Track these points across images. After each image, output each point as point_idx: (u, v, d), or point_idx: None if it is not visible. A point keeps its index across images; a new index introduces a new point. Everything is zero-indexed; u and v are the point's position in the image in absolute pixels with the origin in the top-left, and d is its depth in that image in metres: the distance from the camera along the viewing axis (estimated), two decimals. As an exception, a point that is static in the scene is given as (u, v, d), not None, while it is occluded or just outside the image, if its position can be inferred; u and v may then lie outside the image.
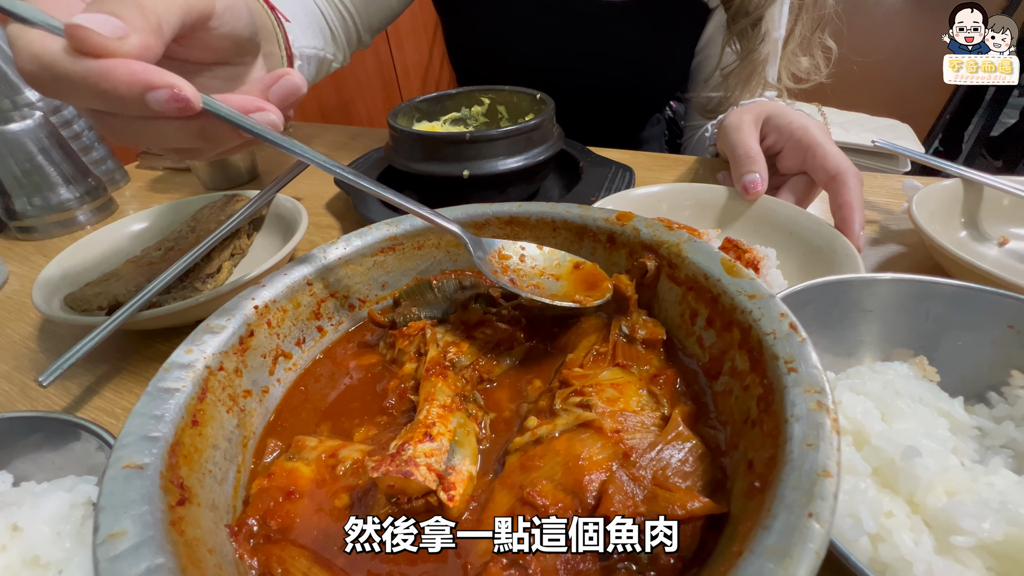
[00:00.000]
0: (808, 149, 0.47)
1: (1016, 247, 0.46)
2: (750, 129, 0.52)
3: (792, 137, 0.49)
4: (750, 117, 0.53)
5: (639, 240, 0.32)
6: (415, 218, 0.36)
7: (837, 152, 0.46)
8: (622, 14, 0.75)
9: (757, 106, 0.55)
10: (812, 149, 0.47)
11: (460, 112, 0.67)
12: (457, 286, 0.36)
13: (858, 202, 0.43)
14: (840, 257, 0.40)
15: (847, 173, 0.44)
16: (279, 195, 0.57)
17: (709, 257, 0.28)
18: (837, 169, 0.45)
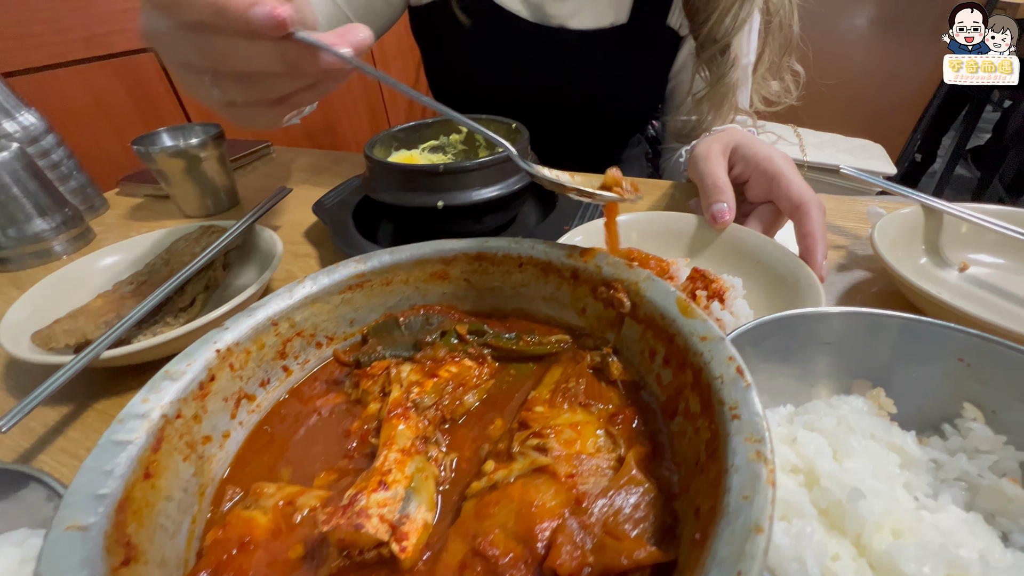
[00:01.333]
0: (773, 179, 0.48)
1: (976, 273, 0.47)
2: (718, 159, 0.53)
3: (758, 167, 0.50)
4: (718, 147, 0.55)
5: (600, 277, 0.33)
6: (384, 255, 0.37)
7: (801, 182, 0.47)
8: (597, 42, 0.77)
9: (725, 135, 0.57)
10: (777, 179, 0.48)
11: (438, 140, 0.68)
12: (424, 322, 0.36)
13: (820, 232, 0.44)
14: (803, 287, 0.41)
15: (810, 203, 0.45)
16: (256, 225, 0.57)
17: (666, 296, 0.29)
18: (800, 199, 0.46)
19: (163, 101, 0.99)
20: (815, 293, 0.39)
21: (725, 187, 0.50)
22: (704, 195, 0.51)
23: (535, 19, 0.77)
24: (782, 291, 0.43)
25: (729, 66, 0.71)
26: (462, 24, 0.78)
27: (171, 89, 1.00)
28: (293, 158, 0.95)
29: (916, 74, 1.22)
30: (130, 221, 0.74)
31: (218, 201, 0.74)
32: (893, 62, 1.19)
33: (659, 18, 0.75)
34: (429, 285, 0.38)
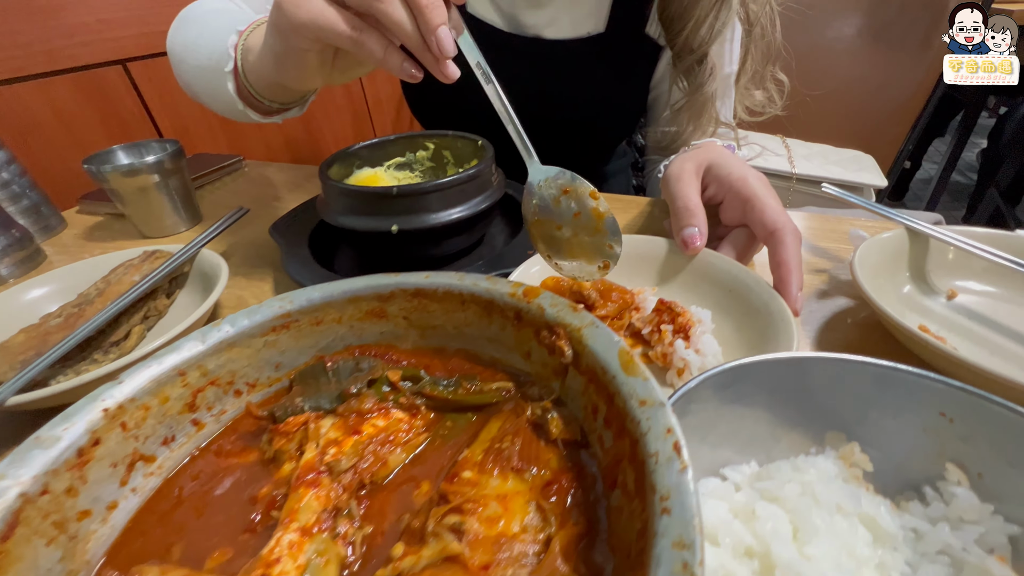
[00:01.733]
0: (747, 201, 0.45)
1: (964, 301, 0.44)
2: (691, 179, 0.50)
3: (731, 188, 0.47)
4: (691, 166, 0.52)
5: (544, 320, 0.30)
6: (313, 292, 0.34)
7: (775, 207, 0.44)
8: (574, 52, 0.74)
9: (700, 153, 0.53)
10: (750, 202, 0.45)
11: (404, 157, 0.65)
12: (354, 367, 0.33)
13: (795, 261, 0.41)
14: (776, 321, 0.38)
15: (784, 230, 0.42)
16: (204, 249, 0.54)
17: (608, 347, 0.26)
18: (775, 225, 0.43)
19: (131, 116, 0.96)
20: (788, 330, 0.36)
21: (696, 210, 0.47)
22: (674, 218, 0.48)
23: (510, 29, 0.75)
24: (755, 324, 0.40)
25: (707, 76, 0.68)
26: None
27: (140, 103, 0.97)
28: (265, 173, 0.92)
29: (907, 83, 1.20)
30: (86, 242, 0.71)
31: (178, 220, 0.71)
32: (883, 71, 1.16)
33: (637, 27, 0.73)
34: (365, 324, 0.35)
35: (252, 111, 0.55)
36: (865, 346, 0.42)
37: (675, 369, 0.38)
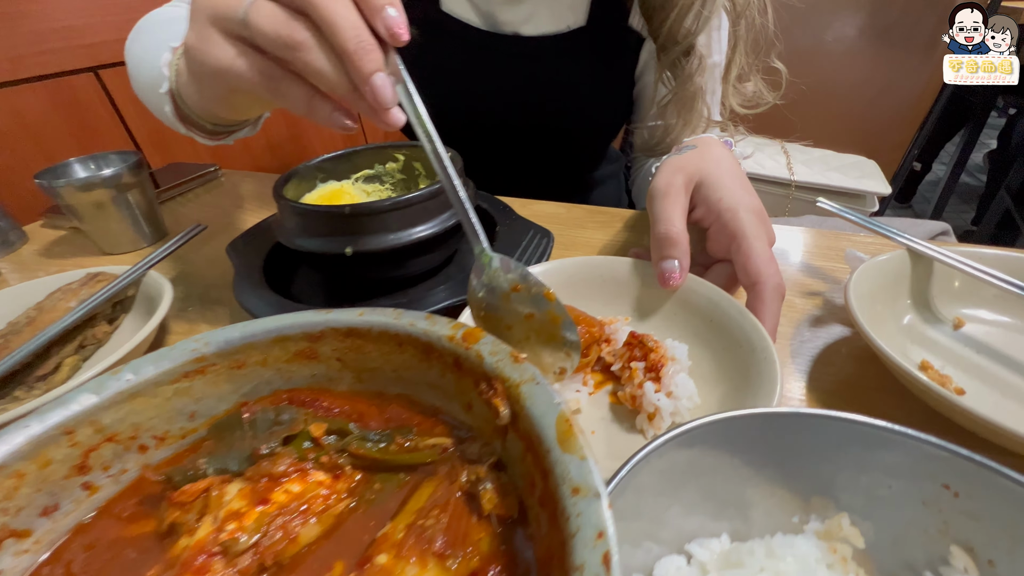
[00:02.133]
0: (733, 239, 0.40)
1: (973, 332, 0.40)
2: (677, 196, 0.45)
3: (719, 219, 0.42)
4: (681, 179, 0.46)
5: (482, 370, 0.26)
6: (233, 331, 0.30)
7: (762, 251, 0.39)
8: (555, 48, 0.71)
9: (692, 163, 0.48)
10: (737, 242, 0.40)
11: (374, 169, 0.62)
12: (273, 420, 0.29)
13: (770, 322, 0.36)
14: (759, 360, 0.34)
15: (765, 285, 0.37)
16: (151, 271, 0.50)
17: (546, 411, 0.22)
18: (757, 277, 0.38)
19: (104, 126, 0.93)
20: (771, 371, 0.32)
21: (678, 239, 0.42)
22: (654, 246, 0.43)
23: (487, 27, 0.71)
24: (735, 361, 0.36)
25: (695, 68, 0.64)
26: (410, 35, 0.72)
27: (114, 112, 0.95)
28: (241, 183, 0.89)
29: (911, 86, 1.15)
30: (44, 259, 0.68)
31: (140, 236, 0.68)
32: (887, 73, 1.12)
33: (620, 19, 0.69)
34: (294, 366, 0.31)
35: (197, 133, 0.52)
36: (862, 383, 0.37)
37: (645, 413, 0.34)
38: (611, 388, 0.38)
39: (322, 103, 0.35)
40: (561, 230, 0.62)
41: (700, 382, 0.36)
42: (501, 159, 0.85)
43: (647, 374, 0.35)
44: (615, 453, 0.34)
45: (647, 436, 0.34)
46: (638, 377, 0.35)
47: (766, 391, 0.31)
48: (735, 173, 0.46)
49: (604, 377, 0.39)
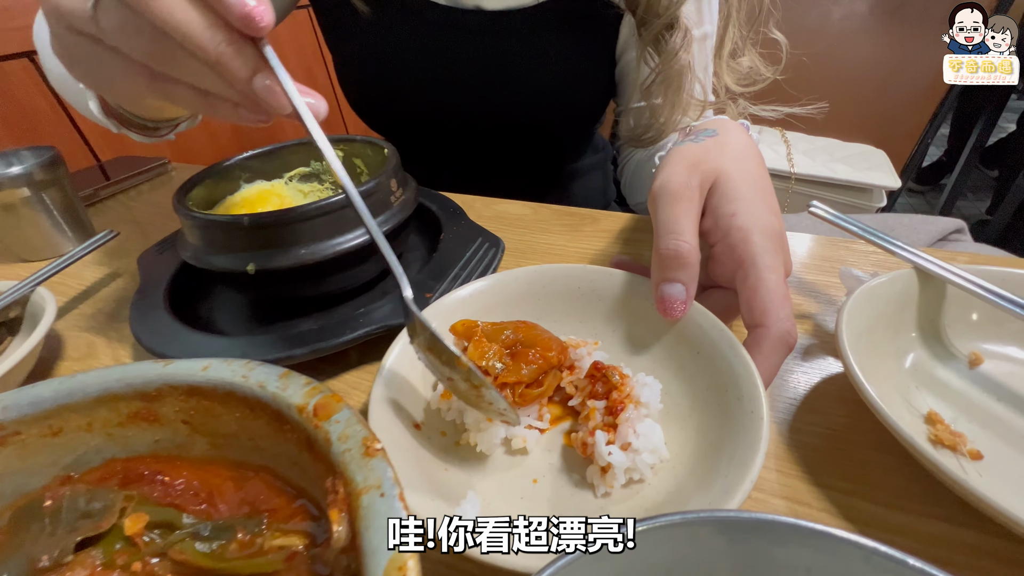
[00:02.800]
0: (741, 267, 0.32)
1: (992, 370, 0.33)
2: (692, 203, 0.35)
3: (728, 238, 0.34)
4: (697, 180, 0.36)
5: (330, 459, 0.19)
6: (41, 391, 0.24)
7: (774, 288, 0.31)
8: (519, 23, 0.64)
9: (711, 158, 0.38)
10: (745, 270, 0.32)
11: (310, 167, 0.55)
12: (83, 508, 0.23)
13: (768, 374, 0.29)
14: (744, 411, 0.27)
15: (770, 329, 0.29)
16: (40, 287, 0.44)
17: (378, 546, 0.15)
18: (762, 318, 0.30)
19: (42, 116, 0.86)
20: (756, 429, 0.25)
21: (689, 260, 0.32)
22: (657, 262, 0.34)
23: (447, 2, 0.64)
24: (718, 408, 0.29)
25: (679, 43, 0.56)
26: (363, 14, 0.65)
27: (55, 101, 0.88)
28: (191, 178, 0.82)
29: (924, 69, 1.06)
30: (-42, 265, 0.62)
31: (61, 240, 0.61)
32: (897, 56, 1.03)
33: None
34: (130, 431, 0.25)
35: (131, 131, 0.46)
36: (854, 438, 0.31)
37: (597, 466, 0.28)
38: (568, 426, 0.32)
39: (218, 102, 0.30)
40: (522, 234, 0.55)
41: (675, 426, 0.30)
42: (469, 150, 0.77)
43: (604, 417, 0.29)
44: (557, 509, 0.27)
45: (596, 493, 0.28)
46: (594, 420, 0.28)
47: (742, 456, 0.25)
48: (756, 179, 0.37)
49: (562, 411, 0.33)
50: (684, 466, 0.28)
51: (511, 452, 0.31)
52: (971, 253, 0.45)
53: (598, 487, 0.28)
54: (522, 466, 0.30)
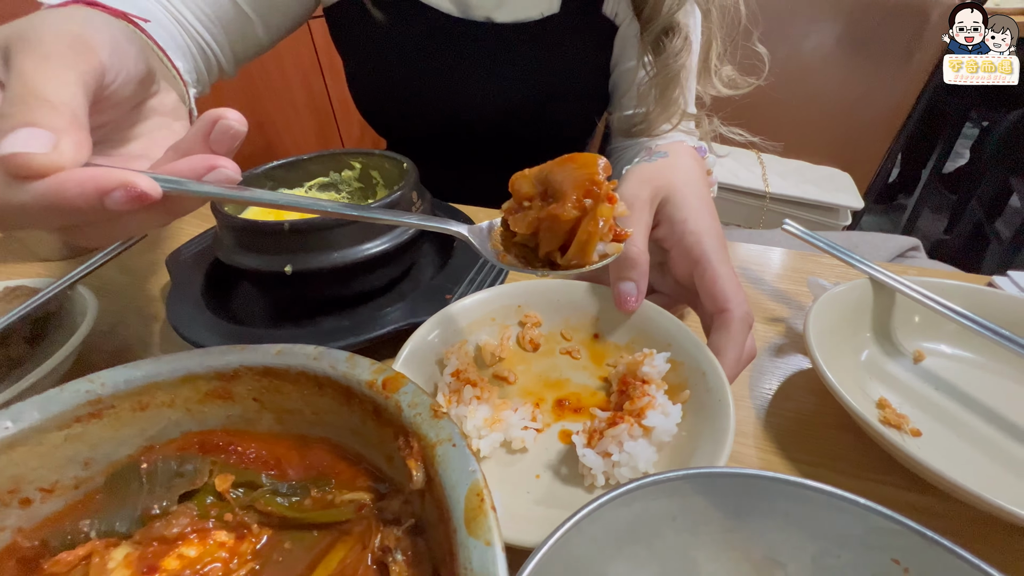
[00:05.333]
0: (697, 264, 0.38)
1: (932, 366, 0.39)
2: (641, 213, 0.42)
3: (682, 242, 0.40)
4: (647, 193, 0.43)
5: (400, 422, 0.23)
6: (135, 370, 0.27)
7: (729, 277, 0.37)
8: (527, 35, 0.69)
9: (661, 175, 0.45)
10: (702, 265, 0.38)
11: (329, 177, 0.59)
12: (174, 470, 0.26)
13: (735, 352, 0.34)
14: (713, 401, 0.32)
15: (733, 313, 0.35)
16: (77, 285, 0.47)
17: (459, 481, 0.19)
18: (725, 303, 0.36)
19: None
20: (724, 415, 0.30)
21: (638, 260, 0.39)
22: (612, 264, 0.40)
23: (460, 13, 0.69)
24: (691, 400, 0.34)
25: (680, 45, 0.62)
26: (378, 22, 0.69)
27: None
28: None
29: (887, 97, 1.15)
30: (-26, 265, 0.64)
31: (79, 242, 0.63)
32: (862, 86, 1.12)
33: (594, 7, 0.68)
34: (206, 407, 0.28)
35: None
36: (820, 420, 0.36)
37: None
38: (561, 426, 0.36)
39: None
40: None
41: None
42: (468, 156, 0.82)
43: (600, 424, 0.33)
44: (559, 500, 0.32)
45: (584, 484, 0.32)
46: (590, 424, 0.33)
47: (717, 439, 0.30)
48: (701, 193, 0.44)
49: (556, 416, 0.37)
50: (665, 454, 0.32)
51: (511, 452, 0.34)
52: (920, 268, 0.52)
53: (586, 479, 0.32)
54: (523, 463, 0.33)
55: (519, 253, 0.33)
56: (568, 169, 0.31)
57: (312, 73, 1.46)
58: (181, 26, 0.60)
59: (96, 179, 0.21)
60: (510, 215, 0.33)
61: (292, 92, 1.42)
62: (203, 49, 0.63)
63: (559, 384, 0.39)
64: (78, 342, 0.40)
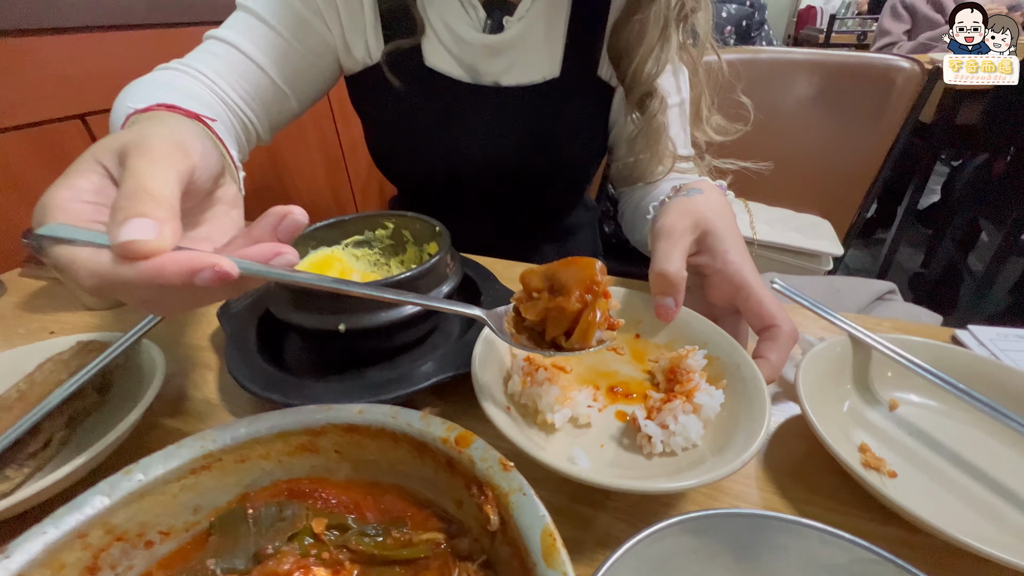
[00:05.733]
0: (740, 290, 0.46)
1: (905, 413, 0.45)
2: (681, 238, 0.49)
3: (724, 271, 0.48)
4: (687, 223, 0.50)
5: (473, 474, 0.29)
6: (239, 428, 0.32)
7: (771, 300, 0.45)
8: (532, 97, 0.77)
9: (699, 209, 0.52)
10: (744, 291, 0.45)
11: (363, 235, 0.65)
12: (276, 515, 0.31)
13: (778, 358, 0.42)
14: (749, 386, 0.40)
15: (782, 328, 0.43)
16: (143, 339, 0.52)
17: (532, 523, 0.25)
18: (772, 320, 0.44)
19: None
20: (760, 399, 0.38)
21: (675, 280, 0.46)
22: (652, 281, 0.49)
23: (471, 79, 0.77)
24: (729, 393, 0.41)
25: (657, 106, 0.72)
26: (395, 88, 0.77)
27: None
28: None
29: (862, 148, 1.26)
30: (25, 313, 0.68)
31: (125, 291, 0.68)
32: (839, 138, 1.23)
33: (590, 70, 0.77)
34: (294, 458, 0.33)
35: None
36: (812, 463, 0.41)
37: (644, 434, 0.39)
38: (616, 408, 0.43)
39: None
40: (541, 296, 0.66)
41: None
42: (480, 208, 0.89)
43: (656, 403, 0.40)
44: (618, 464, 0.39)
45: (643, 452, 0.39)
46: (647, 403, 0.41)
47: (755, 417, 0.37)
48: (734, 227, 0.52)
49: (611, 400, 0.44)
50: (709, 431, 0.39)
51: (578, 427, 0.42)
52: (892, 320, 0.58)
53: (644, 448, 0.39)
54: (589, 436, 0.41)
55: (528, 336, 0.39)
56: (572, 269, 0.38)
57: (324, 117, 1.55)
58: (227, 105, 0.67)
59: (191, 261, 0.26)
60: (521, 303, 0.40)
61: (305, 133, 1.50)
62: (245, 124, 0.71)
63: (609, 375, 0.46)
64: (153, 395, 0.45)
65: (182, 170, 0.30)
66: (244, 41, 0.70)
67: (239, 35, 0.70)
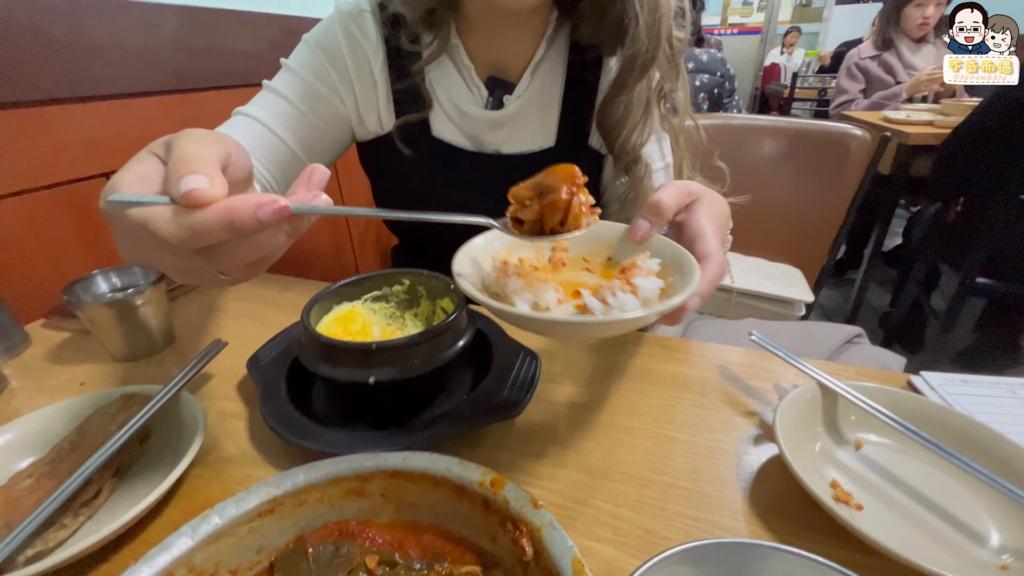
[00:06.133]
0: (696, 239, 0.52)
1: (869, 452, 0.51)
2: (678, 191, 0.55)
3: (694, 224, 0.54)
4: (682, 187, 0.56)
5: (508, 512, 0.34)
6: (299, 474, 0.37)
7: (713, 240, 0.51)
8: (530, 164, 0.85)
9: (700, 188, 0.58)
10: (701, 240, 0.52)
11: (381, 291, 0.70)
12: (333, 553, 0.35)
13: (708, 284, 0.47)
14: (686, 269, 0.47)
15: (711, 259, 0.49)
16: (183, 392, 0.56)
17: (563, 553, 0.30)
18: (704, 253, 0.50)
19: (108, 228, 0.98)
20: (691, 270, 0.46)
21: (660, 210, 0.52)
22: (645, 207, 0.54)
23: (474, 148, 0.86)
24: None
25: (643, 171, 0.82)
26: (404, 155, 0.85)
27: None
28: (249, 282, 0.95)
29: (826, 202, 1.37)
30: (51, 364, 0.71)
31: (152, 345, 0.72)
32: (807, 195, 1.34)
33: (582, 141, 0.87)
34: (344, 502, 0.38)
35: None
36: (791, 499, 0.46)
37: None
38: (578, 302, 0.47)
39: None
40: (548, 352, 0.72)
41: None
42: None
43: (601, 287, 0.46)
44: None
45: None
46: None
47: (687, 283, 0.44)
48: (720, 208, 0.59)
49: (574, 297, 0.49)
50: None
51: (539, 311, 0.46)
52: (856, 367, 0.65)
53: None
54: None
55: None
56: (555, 174, 0.47)
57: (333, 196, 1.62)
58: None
59: (256, 198, 0.32)
60: (516, 213, 0.49)
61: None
62: (263, 183, 0.78)
63: (579, 284, 0.50)
64: (197, 448, 0.49)
65: (221, 150, 0.36)
66: (265, 115, 0.79)
67: (261, 109, 0.80)
